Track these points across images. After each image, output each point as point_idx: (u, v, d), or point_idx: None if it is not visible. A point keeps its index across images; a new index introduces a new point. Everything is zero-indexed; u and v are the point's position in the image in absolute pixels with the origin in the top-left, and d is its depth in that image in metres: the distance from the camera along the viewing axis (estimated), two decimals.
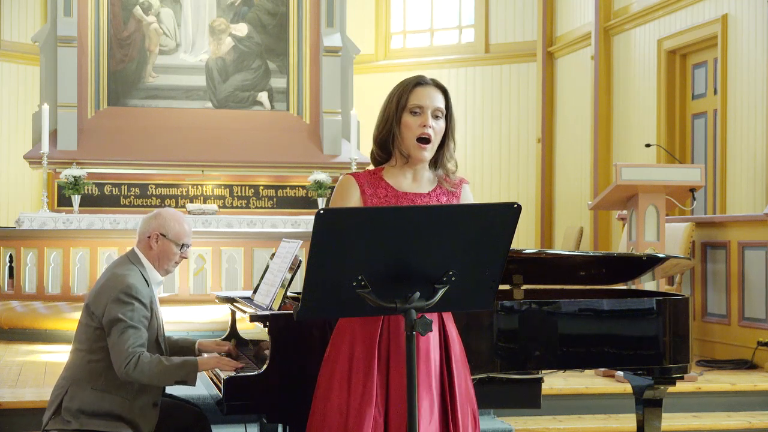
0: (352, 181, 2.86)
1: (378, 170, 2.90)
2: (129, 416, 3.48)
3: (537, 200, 12.23)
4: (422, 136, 2.81)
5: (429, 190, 2.88)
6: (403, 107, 2.82)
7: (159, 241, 3.61)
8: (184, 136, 11.20)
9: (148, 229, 3.65)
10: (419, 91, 2.83)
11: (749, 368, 6.26)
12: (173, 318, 7.45)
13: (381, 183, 2.85)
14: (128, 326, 3.43)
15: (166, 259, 3.64)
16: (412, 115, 2.81)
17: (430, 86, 2.85)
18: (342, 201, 2.85)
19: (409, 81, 2.86)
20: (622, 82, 10.54)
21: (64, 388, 3.52)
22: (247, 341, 3.92)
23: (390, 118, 2.83)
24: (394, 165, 2.88)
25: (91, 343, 3.52)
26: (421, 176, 2.89)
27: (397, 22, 13.54)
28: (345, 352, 2.75)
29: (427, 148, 2.82)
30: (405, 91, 2.83)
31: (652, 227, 5.82)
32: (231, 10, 11.50)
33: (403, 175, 2.87)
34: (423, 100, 2.82)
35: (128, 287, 3.48)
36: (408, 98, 2.82)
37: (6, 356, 6.58)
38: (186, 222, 3.69)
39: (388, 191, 2.84)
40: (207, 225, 9.52)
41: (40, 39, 11.03)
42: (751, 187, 8.23)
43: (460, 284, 2.46)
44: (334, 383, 2.74)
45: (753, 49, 8.27)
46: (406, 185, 2.87)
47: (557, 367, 3.63)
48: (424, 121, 2.80)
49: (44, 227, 9.05)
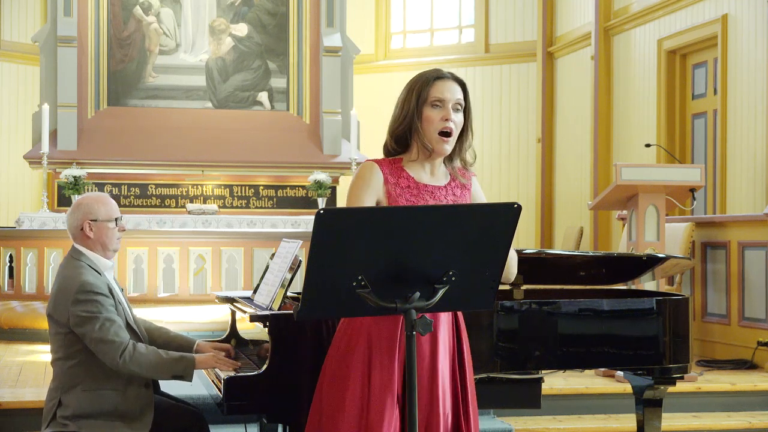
0: (375, 167, 2.85)
1: (397, 160, 2.89)
2: (126, 408, 3.46)
3: (537, 200, 12.23)
4: (444, 129, 2.81)
5: (445, 183, 2.90)
6: (424, 101, 2.82)
7: (93, 228, 3.58)
8: (184, 136, 11.20)
9: (76, 221, 3.62)
10: (440, 85, 2.83)
11: (749, 368, 6.26)
12: (173, 318, 7.46)
13: (402, 173, 2.86)
14: (104, 319, 3.41)
15: (107, 240, 3.61)
16: (433, 108, 2.82)
17: (450, 79, 2.85)
18: (366, 186, 2.83)
19: (428, 74, 2.86)
20: (622, 82, 10.54)
21: (55, 398, 3.50)
22: (247, 341, 3.92)
23: (410, 112, 2.83)
24: (413, 158, 2.88)
25: (67, 349, 3.49)
26: (438, 170, 2.90)
27: (397, 22, 13.54)
28: (362, 347, 2.74)
29: (449, 141, 2.83)
30: (426, 84, 2.83)
31: (652, 227, 5.82)
32: (231, 10, 11.50)
33: (422, 167, 2.88)
34: (444, 93, 2.82)
35: (82, 285, 3.45)
36: (429, 92, 2.82)
37: (6, 356, 6.58)
38: (107, 198, 3.69)
39: (410, 182, 2.85)
40: (207, 225, 9.52)
41: (40, 39, 11.04)
42: (751, 187, 8.23)
43: (460, 284, 2.46)
44: (348, 390, 2.73)
45: (753, 49, 8.27)
46: (425, 178, 2.88)
47: (557, 367, 3.63)
48: (446, 114, 2.81)
49: (44, 227, 9.06)
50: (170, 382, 3.58)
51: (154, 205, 10.92)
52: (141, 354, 3.39)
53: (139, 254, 8.41)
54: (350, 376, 2.74)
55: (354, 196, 2.82)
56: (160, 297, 8.36)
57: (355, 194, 2.83)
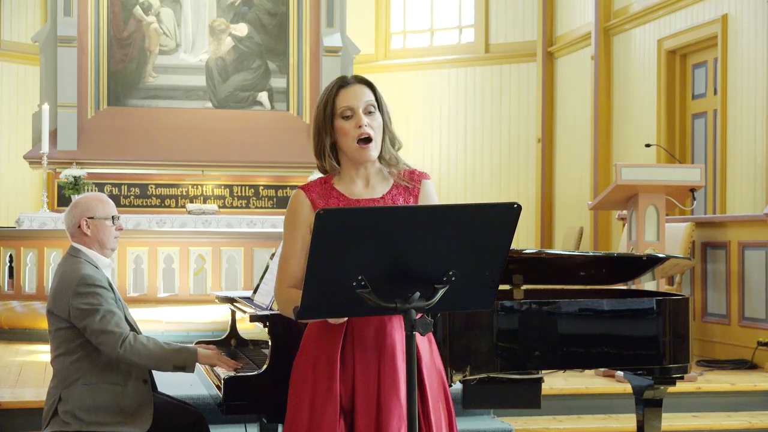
0: (301, 196, 2.76)
1: (329, 178, 2.79)
2: (126, 403, 3.47)
3: (537, 200, 12.22)
4: (361, 136, 2.71)
5: (383, 193, 2.79)
6: (334, 114, 2.74)
7: (90, 225, 3.60)
8: (184, 136, 11.20)
9: (73, 220, 3.64)
10: (344, 93, 2.74)
11: (749, 368, 6.26)
12: (173, 318, 7.46)
13: (332, 192, 2.76)
14: (105, 311, 3.43)
15: (105, 238, 3.63)
16: (344, 119, 2.73)
17: (354, 84, 2.76)
18: (294, 220, 2.75)
19: (332, 86, 2.77)
20: (622, 82, 10.54)
21: (56, 395, 3.51)
22: (247, 341, 3.92)
23: (322, 129, 2.75)
24: (347, 171, 2.78)
25: (67, 345, 3.51)
26: (373, 179, 2.80)
27: (397, 22, 13.54)
28: (309, 362, 2.71)
29: (371, 146, 2.73)
30: (330, 96, 2.74)
31: (652, 227, 5.82)
32: (231, 10, 11.50)
33: (352, 181, 2.78)
34: (350, 100, 2.73)
35: (83, 278, 3.48)
36: (335, 103, 2.74)
37: (6, 356, 6.58)
38: (105, 197, 3.72)
39: (340, 200, 2.75)
40: (207, 225, 9.53)
41: (40, 39, 11.04)
42: (751, 187, 8.23)
43: (460, 284, 2.46)
44: (300, 401, 2.70)
45: (753, 49, 8.27)
46: (359, 191, 2.77)
47: (557, 367, 3.63)
48: (358, 121, 2.71)
49: (44, 227, 9.06)
50: (170, 382, 3.58)
51: (154, 205, 10.93)
52: (142, 344, 3.40)
53: (139, 254, 8.41)
54: (298, 388, 2.72)
55: (286, 233, 2.76)
56: (160, 297, 8.36)
57: (287, 231, 2.76)
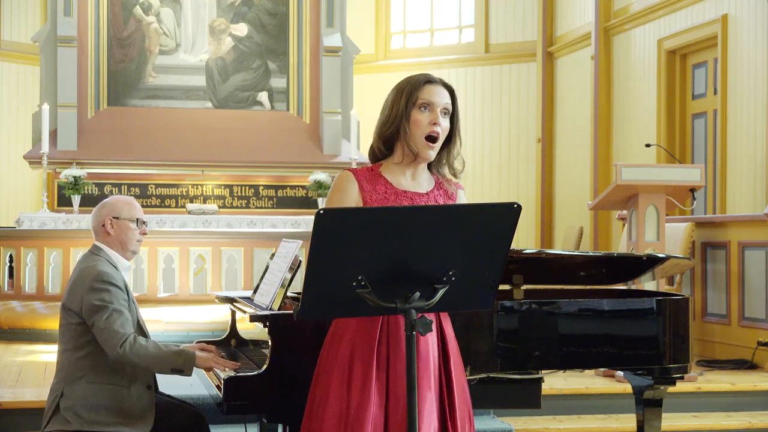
0: (350, 177, 2.85)
1: (376, 167, 2.88)
2: (128, 406, 3.47)
3: (537, 200, 12.22)
4: (431, 134, 2.81)
5: (428, 190, 2.88)
6: (413, 103, 2.81)
7: (114, 225, 3.62)
8: (184, 136, 11.19)
9: (99, 218, 3.66)
10: (429, 88, 2.83)
11: (749, 368, 6.26)
12: (173, 318, 7.46)
13: (380, 180, 2.84)
14: (112, 310, 3.44)
15: (127, 240, 3.64)
16: (421, 111, 2.81)
17: (439, 84, 2.85)
18: (340, 196, 2.83)
19: (418, 78, 2.86)
20: (622, 82, 10.54)
21: (58, 390, 3.52)
22: (247, 341, 3.92)
23: (399, 114, 2.82)
24: (395, 162, 2.87)
25: (76, 340, 3.52)
26: (420, 175, 2.89)
27: (397, 22, 13.53)
28: (344, 354, 2.73)
29: (434, 147, 2.83)
30: (415, 87, 2.83)
31: (652, 227, 5.82)
32: (231, 10, 11.50)
33: (402, 173, 2.87)
34: (433, 96, 2.82)
35: (99, 274, 3.49)
36: (418, 95, 2.81)
37: (6, 356, 6.58)
38: (133, 200, 3.72)
39: (387, 188, 2.83)
40: (207, 225, 9.53)
41: (40, 39, 11.03)
42: (751, 187, 8.23)
43: (460, 284, 2.46)
44: (332, 386, 2.72)
45: (753, 49, 8.27)
46: (405, 183, 2.86)
47: (557, 367, 3.63)
48: (434, 118, 2.80)
49: (44, 227, 9.06)
50: (170, 382, 3.58)
51: (154, 205, 10.92)
52: (141, 345, 3.41)
53: (140, 254, 8.41)
54: (333, 374, 2.74)
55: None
56: (160, 297, 8.36)
57: (332, 205, 2.81)
